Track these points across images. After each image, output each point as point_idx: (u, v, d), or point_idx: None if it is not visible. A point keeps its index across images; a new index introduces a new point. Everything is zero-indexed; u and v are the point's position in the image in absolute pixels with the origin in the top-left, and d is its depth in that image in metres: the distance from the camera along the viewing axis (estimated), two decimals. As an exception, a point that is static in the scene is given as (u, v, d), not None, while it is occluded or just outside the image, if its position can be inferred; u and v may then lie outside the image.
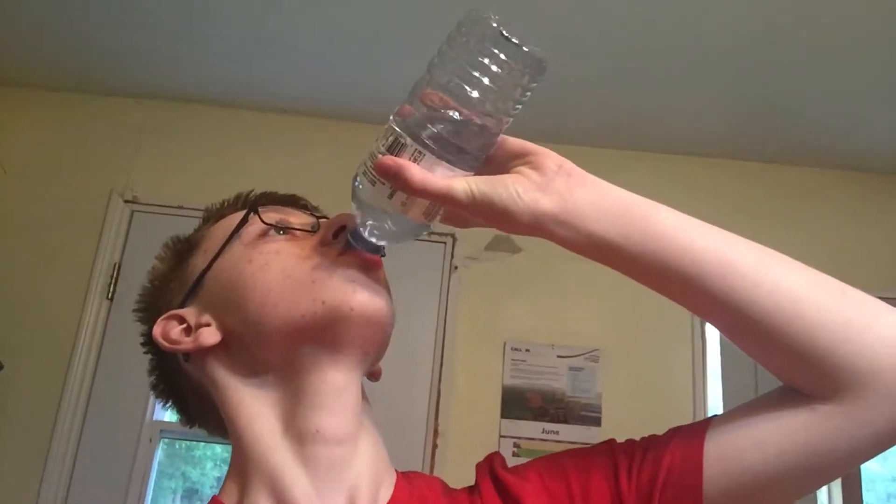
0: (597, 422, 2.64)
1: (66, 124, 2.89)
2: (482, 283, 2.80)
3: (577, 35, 2.30)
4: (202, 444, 2.81)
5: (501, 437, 2.61)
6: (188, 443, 2.80)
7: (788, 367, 0.58)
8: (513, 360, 2.71)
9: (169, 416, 2.62)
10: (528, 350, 2.72)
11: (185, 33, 2.50)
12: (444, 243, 2.82)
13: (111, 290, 2.66)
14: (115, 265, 2.69)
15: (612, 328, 2.78)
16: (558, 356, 2.72)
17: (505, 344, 2.73)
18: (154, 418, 2.55)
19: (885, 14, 2.11)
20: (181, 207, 2.66)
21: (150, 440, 2.52)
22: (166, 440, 2.62)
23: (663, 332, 2.77)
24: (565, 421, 2.64)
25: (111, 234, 2.72)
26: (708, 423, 0.61)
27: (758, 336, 0.57)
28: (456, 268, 2.79)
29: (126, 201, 2.78)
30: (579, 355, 2.73)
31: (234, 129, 2.91)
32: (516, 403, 2.66)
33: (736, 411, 0.61)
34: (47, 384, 2.53)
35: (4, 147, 2.69)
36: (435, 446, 2.57)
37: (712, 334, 2.75)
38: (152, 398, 2.55)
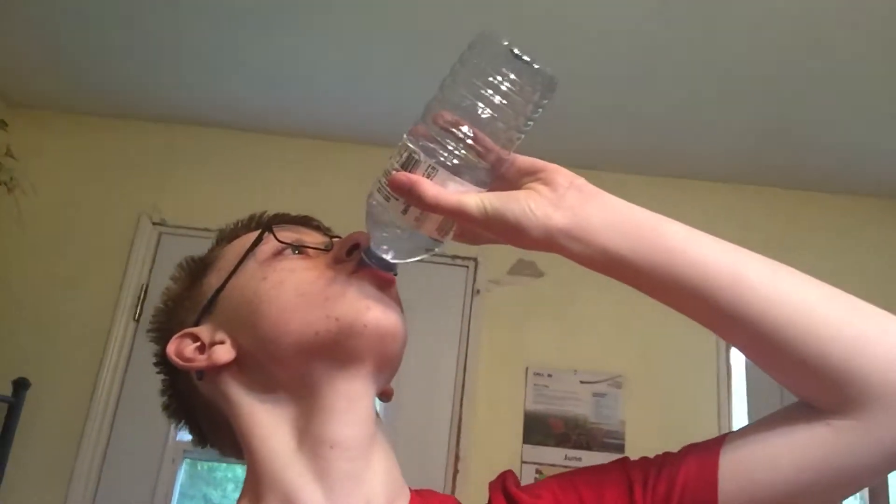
0: (620, 449, 2.61)
1: (96, 148, 2.95)
2: (504, 307, 2.79)
3: (601, 62, 2.32)
4: (224, 465, 2.82)
5: (523, 462, 2.59)
6: (210, 464, 2.81)
7: (801, 381, 0.57)
8: (535, 385, 2.70)
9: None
10: (550, 375, 2.71)
11: (214, 60, 2.56)
12: (467, 267, 2.82)
13: (138, 311, 2.69)
14: (142, 286, 2.73)
15: (635, 354, 2.76)
16: (581, 382, 2.70)
17: (527, 369, 2.71)
18: (177, 439, 2.57)
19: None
20: (208, 230, 2.69)
21: (173, 460, 2.54)
22: (188, 460, 2.64)
23: (687, 358, 2.74)
24: (588, 447, 2.62)
25: (139, 255, 2.76)
26: (723, 440, 0.61)
27: (769, 349, 0.57)
28: (478, 291, 2.79)
29: (154, 224, 2.82)
30: (602, 381, 2.70)
31: (261, 153, 2.95)
32: (538, 429, 2.64)
33: (751, 427, 0.61)
34: (74, 403, 2.57)
35: (36, 170, 2.75)
36: (456, 471, 2.56)
37: (737, 360, 2.71)
38: (176, 419, 2.57)
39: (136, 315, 2.69)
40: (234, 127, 2.96)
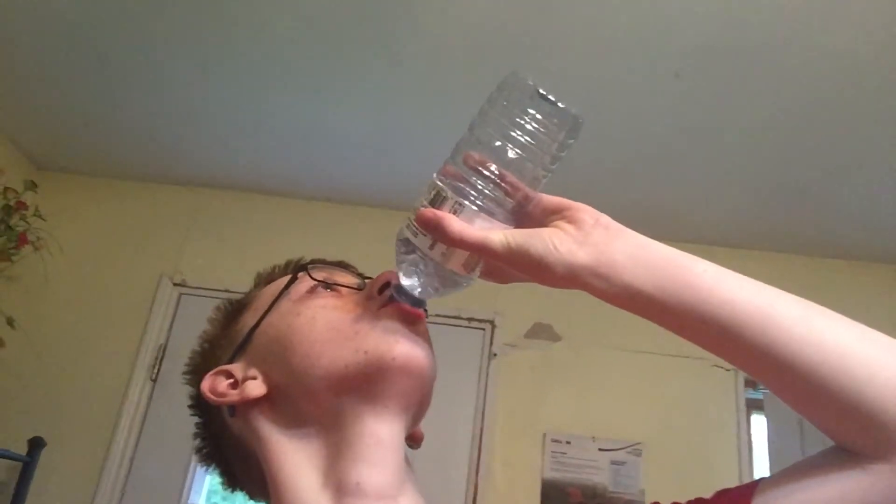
0: (640, 519, 2.55)
1: (120, 210, 3.02)
2: (521, 371, 2.77)
3: (607, 123, 2.36)
4: (235, 531, 2.77)
5: (541, 532, 2.53)
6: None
7: (836, 424, 0.55)
8: (553, 452, 2.65)
9: (204, 500, 2.61)
10: (568, 442, 2.67)
11: (238, 125, 2.63)
12: (483, 329, 2.82)
13: (156, 371, 2.70)
14: (160, 347, 2.74)
15: (655, 421, 2.71)
16: (599, 449, 2.66)
17: (545, 435, 2.68)
18: (190, 501, 2.53)
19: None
20: (228, 291, 2.72)
21: (185, 524, 2.50)
22: (201, 524, 2.60)
23: (708, 425, 2.69)
24: (607, 517, 2.56)
25: (159, 315, 2.78)
26: (755, 487, 0.59)
27: (802, 391, 0.55)
28: (495, 355, 2.77)
29: (175, 284, 2.85)
30: (621, 449, 2.66)
31: (281, 216, 3.00)
32: (556, 498, 2.59)
33: (784, 473, 0.59)
34: (88, 463, 2.55)
35: (63, 231, 2.80)
36: (473, 541, 2.50)
37: (759, 428, 2.66)
38: (189, 480, 2.54)
39: (154, 375, 2.69)
40: (256, 190, 3.01)
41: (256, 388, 0.66)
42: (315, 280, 0.70)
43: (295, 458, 0.64)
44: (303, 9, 2.04)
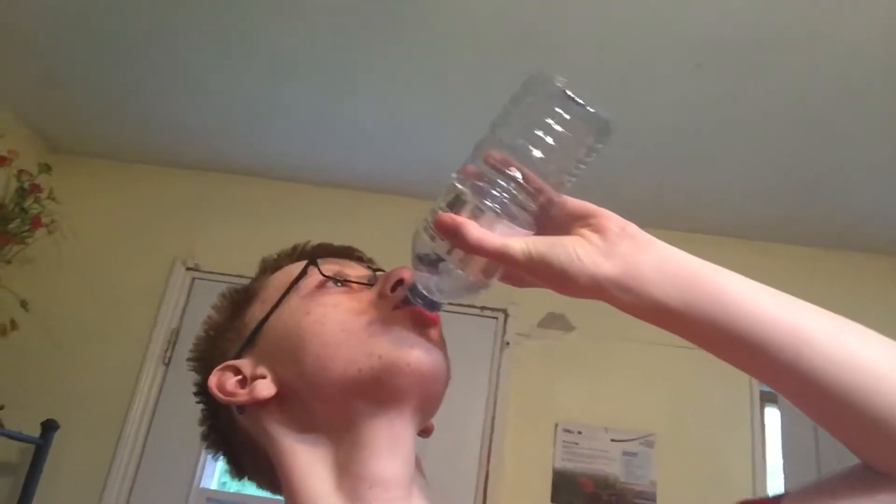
0: (651, 510, 2.54)
1: (134, 193, 3.02)
2: (534, 360, 2.76)
3: (628, 115, 2.33)
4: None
5: (551, 523, 2.53)
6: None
7: (866, 445, 0.53)
8: (564, 442, 2.64)
9: (216, 484, 2.62)
10: (580, 432, 2.65)
11: (250, 110, 2.62)
12: (496, 318, 2.80)
13: (168, 355, 2.70)
14: (173, 331, 2.74)
15: (668, 412, 2.70)
16: (612, 440, 2.65)
17: (556, 425, 2.67)
18: (201, 486, 2.54)
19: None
20: (241, 276, 2.70)
21: (197, 507, 2.51)
22: (212, 508, 2.61)
23: (721, 417, 2.67)
24: (618, 508, 2.55)
25: (172, 300, 2.79)
26: (778, 502, 0.57)
27: (832, 410, 0.53)
28: (507, 344, 2.76)
29: (188, 269, 2.85)
30: (634, 439, 2.65)
31: (296, 202, 2.99)
32: (567, 488, 2.58)
33: (809, 489, 0.57)
34: (100, 446, 2.57)
35: (76, 214, 2.80)
36: (482, 530, 2.50)
37: (772, 420, 2.64)
38: (201, 465, 2.55)
39: (166, 359, 2.70)
40: (270, 176, 3.00)
41: (266, 388, 0.64)
42: (325, 277, 0.68)
43: (306, 460, 0.63)
44: (318, -7, 2.02)
